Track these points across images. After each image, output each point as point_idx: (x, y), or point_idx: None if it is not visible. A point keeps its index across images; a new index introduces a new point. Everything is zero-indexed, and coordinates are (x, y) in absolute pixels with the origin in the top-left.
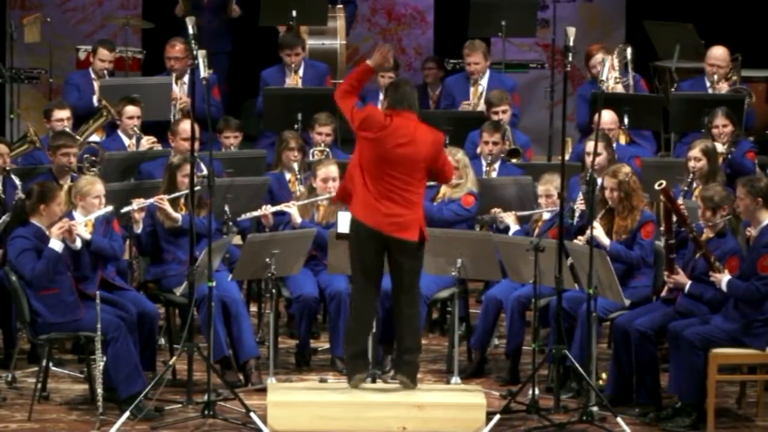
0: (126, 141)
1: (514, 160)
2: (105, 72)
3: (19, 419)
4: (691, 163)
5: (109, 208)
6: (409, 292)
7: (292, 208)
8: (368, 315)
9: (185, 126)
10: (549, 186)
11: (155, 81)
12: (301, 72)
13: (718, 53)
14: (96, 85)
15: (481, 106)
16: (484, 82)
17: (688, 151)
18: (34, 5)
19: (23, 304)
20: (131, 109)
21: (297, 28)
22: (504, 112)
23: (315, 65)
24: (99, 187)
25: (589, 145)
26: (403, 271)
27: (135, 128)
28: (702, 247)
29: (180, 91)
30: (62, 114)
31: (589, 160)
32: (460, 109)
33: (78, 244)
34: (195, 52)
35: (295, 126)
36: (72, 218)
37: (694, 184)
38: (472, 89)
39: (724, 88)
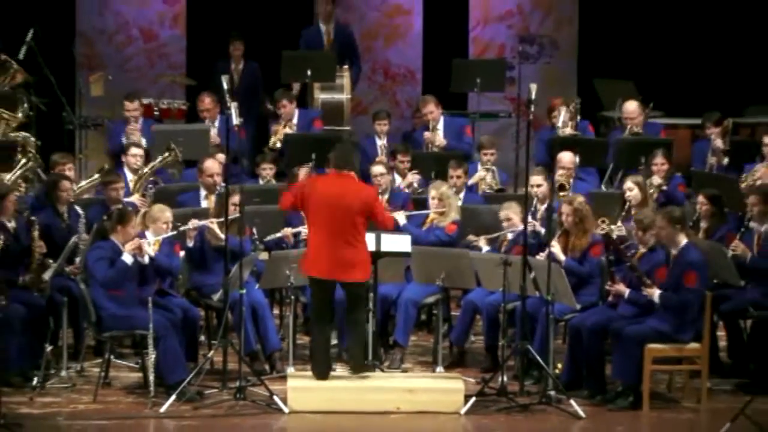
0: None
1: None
2: (133, 119)
3: (86, 401)
4: (627, 194)
5: (174, 232)
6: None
7: (305, 230)
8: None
9: (208, 164)
10: (508, 212)
11: (196, 127)
12: (295, 120)
13: (630, 107)
14: (127, 129)
15: (438, 142)
16: (440, 126)
17: (623, 185)
18: (99, 65)
19: (90, 307)
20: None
21: (311, 84)
22: (492, 154)
23: (306, 113)
24: (168, 215)
25: (532, 179)
26: None
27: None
28: (636, 270)
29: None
30: (137, 151)
31: (532, 190)
32: (424, 140)
33: (146, 259)
34: (228, 104)
35: (310, 163)
36: (144, 237)
37: (632, 210)
38: (428, 134)
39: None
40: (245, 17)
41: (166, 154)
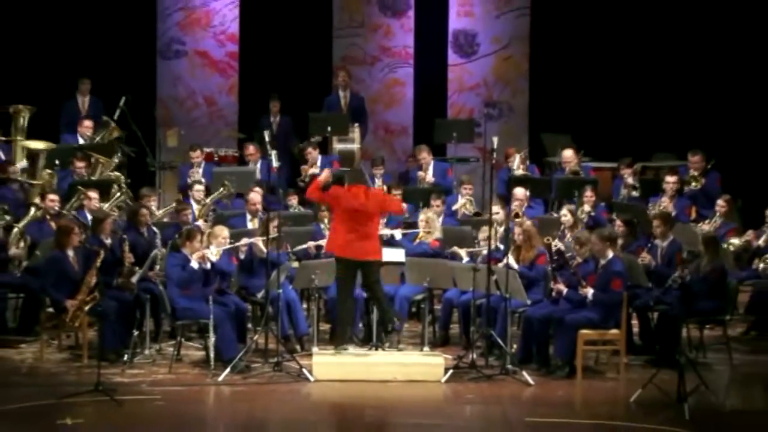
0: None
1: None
2: (196, 164)
3: (163, 372)
4: (563, 219)
5: (231, 245)
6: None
7: (323, 242)
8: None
9: (251, 196)
10: (484, 235)
11: (244, 169)
12: (318, 162)
13: (567, 154)
14: (190, 171)
15: (428, 180)
16: (430, 168)
17: (560, 212)
18: (173, 123)
19: (166, 302)
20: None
21: (330, 138)
22: (470, 188)
23: (326, 158)
24: (226, 233)
25: (493, 208)
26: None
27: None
28: (576, 275)
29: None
30: (200, 187)
31: (494, 217)
32: (417, 178)
33: (208, 265)
34: (269, 152)
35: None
36: (209, 249)
37: (567, 232)
38: (421, 173)
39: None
40: (282, 84)
41: (221, 189)
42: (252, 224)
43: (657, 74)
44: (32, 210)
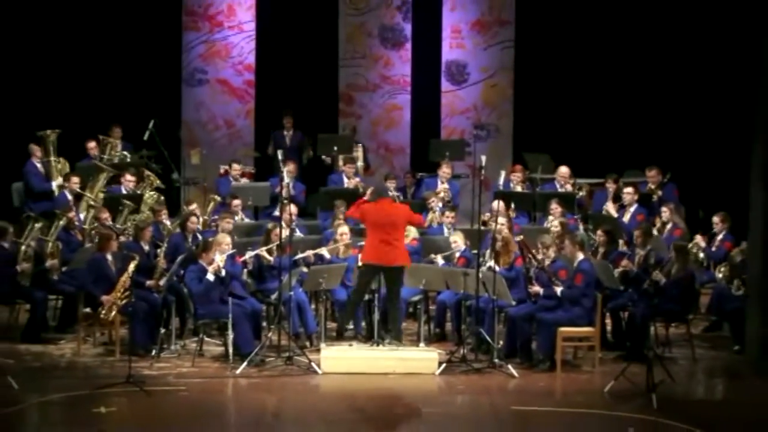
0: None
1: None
2: (231, 178)
3: (187, 366)
4: (552, 229)
5: (233, 250)
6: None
7: (320, 251)
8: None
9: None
10: (455, 236)
11: (261, 184)
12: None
13: (563, 171)
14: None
15: (446, 190)
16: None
17: (548, 223)
18: (196, 144)
19: (190, 303)
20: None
21: (337, 155)
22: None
23: (338, 176)
24: (228, 240)
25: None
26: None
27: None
28: (547, 272)
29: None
30: (238, 201)
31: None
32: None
33: (223, 273)
34: (282, 169)
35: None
36: (215, 257)
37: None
38: (442, 185)
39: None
40: (293, 108)
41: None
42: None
43: (626, 99)
44: (58, 221)
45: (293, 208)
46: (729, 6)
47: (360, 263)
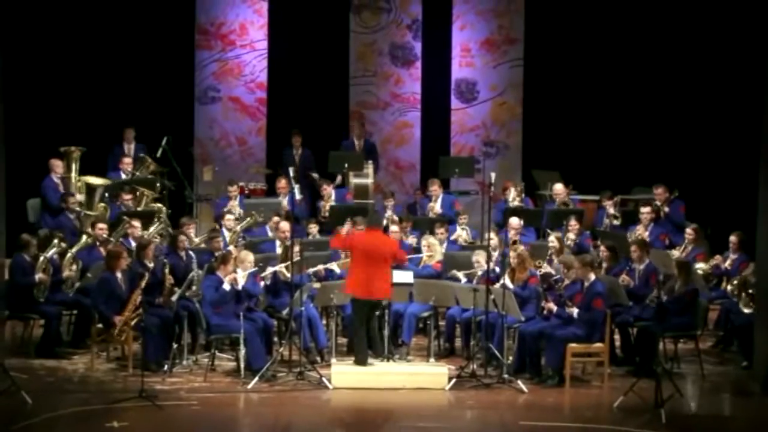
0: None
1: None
2: (232, 196)
3: (199, 380)
4: (550, 245)
5: (255, 268)
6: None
7: (330, 266)
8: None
9: (281, 225)
10: (478, 256)
11: (273, 200)
12: (333, 197)
13: (558, 187)
14: (233, 203)
15: (436, 210)
16: (439, 200)
17: (548, 238)
18: (209, 161)
19: (202, 319)
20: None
21: (347, 173)
22: (465, 219)
23: (340, 191)
24: (251, 258)
25: (492, 235)
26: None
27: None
28: (562, 297)
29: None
30: (230, 216)
31: (491, 243)
32: (427, 208)
33: (239, 287)
34: (292, 186)
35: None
36: (237, 272)
37: (554, 257)
38: (431, 204)
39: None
40: (305, 125)
41: (249, 218)
42: (281, 250)
43: (634, 117)
44: (84, 237)
45: (313, 228)
46: (736, 24)
47: (348, 294)
